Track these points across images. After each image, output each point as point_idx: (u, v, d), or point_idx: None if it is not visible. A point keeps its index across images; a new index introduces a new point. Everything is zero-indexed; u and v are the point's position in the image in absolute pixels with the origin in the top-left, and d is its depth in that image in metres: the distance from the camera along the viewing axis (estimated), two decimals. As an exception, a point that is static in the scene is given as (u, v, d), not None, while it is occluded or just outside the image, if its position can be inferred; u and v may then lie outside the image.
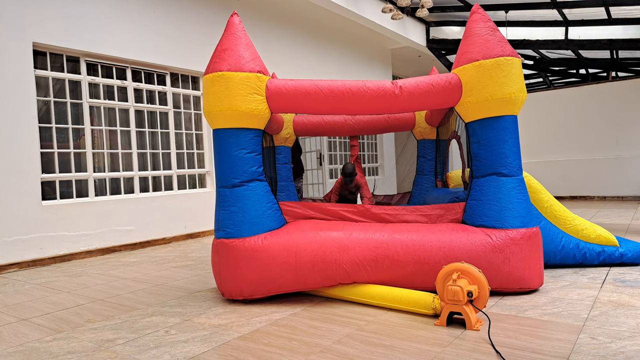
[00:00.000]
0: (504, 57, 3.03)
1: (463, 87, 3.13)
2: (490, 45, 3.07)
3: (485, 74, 3.03)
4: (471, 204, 3.19)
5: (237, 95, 3.03)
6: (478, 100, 3.06)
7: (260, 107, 3.11)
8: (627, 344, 2.16)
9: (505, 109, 3.06)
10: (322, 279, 3.06)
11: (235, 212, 3.10)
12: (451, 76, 3.17)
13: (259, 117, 3.13)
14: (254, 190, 3.14)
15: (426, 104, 3.20)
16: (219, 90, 3.04)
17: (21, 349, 2.48)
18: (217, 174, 3.19)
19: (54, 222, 5.27)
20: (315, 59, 9.41)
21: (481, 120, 3.12)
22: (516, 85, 3.04)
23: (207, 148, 7.25)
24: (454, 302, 2.50)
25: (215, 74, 3.07)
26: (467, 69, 3.12)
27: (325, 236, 3.08)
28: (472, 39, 3.16)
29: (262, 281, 3.06)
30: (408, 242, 3.03)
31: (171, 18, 6.65)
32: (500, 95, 3.01)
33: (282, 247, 3.04)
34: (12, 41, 5.00)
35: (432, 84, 3.14)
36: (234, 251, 3.06)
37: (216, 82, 3.05)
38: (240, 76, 3.04)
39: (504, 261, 2.95)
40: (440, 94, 3.15)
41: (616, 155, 10.17)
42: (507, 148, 3.08)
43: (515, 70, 3.05)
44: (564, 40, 9.90)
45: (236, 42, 3.15)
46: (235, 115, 3.05)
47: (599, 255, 3.74)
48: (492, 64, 3.03)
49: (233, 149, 3.11)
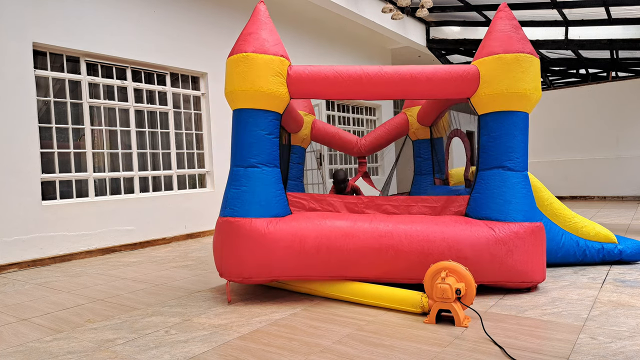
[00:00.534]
0: (524, 54, 3.07)
1: (481, 78, 3.16)
2: (512, 41, 3.12)
3: (504, 67, 3.07)
4: (475, 197, 3.20)
5: (260, 76, 3.07)
6: (494, 93, 3.09)
7: (281, 90, 3.16)
8: (627, 344, 2.16)
9: (519, 104, 3.08)
10: (325, 266, 3.04)
11: (246, 191, 3.09)
12: (470, 67, 3.20)
13: (279, 100, 3.17)
14: (267, 174, 3.15)
15: (443, 91, 3.21)
16: (243, 70, 3.08)
17: (21, 349, 2.48)
18: (233, 154, 3.21)
19: (54, 222, 5.28)
20: (316, 59, 9.41)
21: (494, 113, 3.15)
22: (532, 82, 3.08)
23: (207, 148, 7.26)
24: (442, 299, 2.55)
25: (239, 54, 3.11)
26: (487, 61, 3.15)
27: (331, 224, 3.09)
28: (495, 34, 3.21)
29: (265, 264, 3.03)
30: (412, 232, 3.03)
31: (171, 18, 6.65)
32: (516, 89, 3.05)
33: (287, 231, 3.04)
34: (12, 41, 5.00)
35: (450, 71, 3.18)
36: (239, 230, 3.04)
37: (240, 62, 3.10)
38: (264, 58, 3.09)
39: (507, 254, 2.95)
40: (457, 82, 3.17)
41: (616, 155, 10.17)
42: (515, 143, 3.11)
43: (533, 69, 3.10)
44: (564, 40, 9.90)
45: (261, 27, 3.22)
46: (257, 95, 3.09)
47: (599, 252, 3.76)
48: (511, 58, 3.07)
49: (252, 128, 3.14)
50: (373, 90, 3.22)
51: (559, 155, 10.87)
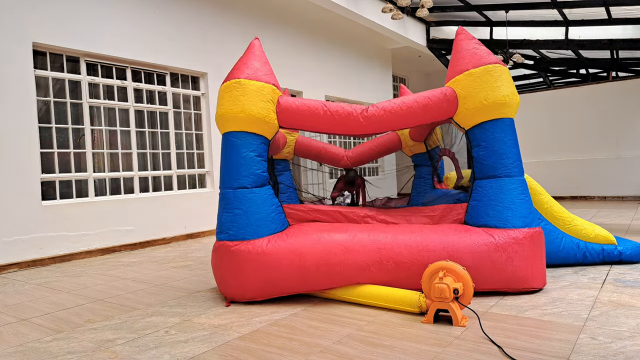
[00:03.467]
0: (492, 65, 3.18)
1: (458, 96, 3.24)
2: (478, 56, 3.24)
3: (477, 81, 3.16)
4: (473, 205, 3.21)
5: (251, 101, 3.14)
6: (474, 106, 3.15)
7: (271, 116, 3.21)
8: (627, 344, 2.16)
9: (501, 111, 3.14)
10: (326, 281, 3.06)
11: (239, 214, 3.10)
12: (445, 89, 3.28)
13: (268, 126, 3.21)
14: (258, 193, 3.15)
15: (427, 117, 3.29)
16: (235, 95, 3.16)
17: (21, 349, 2.48)
18: (223, 176, 3.20)
19: (54, 222, 5.27)
20: (315, 59, 9.41)
21: (480, 124, 3.20)
22: (508, 89, 3.15)
23: (207, 148, 7.26)
24: (440, 299, 2.56)
25: (232, 81, 3.21)
26: (459, 80, 3.24)
27: (330, 238, 3.09)
28: (461, 54, 3.33)
29: (266, 284, 3.05)
30: (412, 243, 3.04)
31: (171, 18, 6.65)
32: (494, 98, 3.11)
33: (286, 249, 3.04)
34: (12, 41, 5.00)
35: (429, 97, 3.24)
36: (238, 254, 3.06)
37: (233, 88, 3.18)
38: (256, 84, 3.19)
39: (507, 260, 2.96)
40: (438, 105, 3.24)
41: (616, 155, 10.17)
42: (507, 149, 3.14)
43: (505, 76, 3.18)
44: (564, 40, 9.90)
45: (255, 58, 3.34)
46: (248, 119, 3.13)
47: (599, 254, 3.78)
48: (482, 71, 3.17)
49: (241, 150, 3.16)
50: (360, 127, 3.29)
51: (559, 155, 10.87)
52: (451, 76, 3.33)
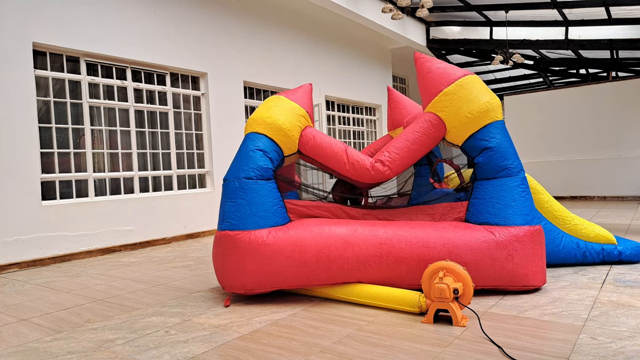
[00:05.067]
0: (462, 79, 3.24)
1: (442, 119, 3.29)
2: (446, 74, 3.32)
3: (454, 98, 3.21)
4: (474, 203, 3.22)
5: (282, 112, 3.37)
6: (460, 122, 3.20)
7: (293, 134, 3.38)
8: (627, 344, 2.16)
9: (487, 118, 3.19)
10: (326, 274, 3.06)
11: (242, 204, 3.13)
12: (427, 115, 3.33)
13: (289, 140, 3.37)
14: (263, 185, 3.20)
15: (422, 151, 3.37)
16: (270, 105, 3.42)
17: (21, 349, 2.48)
18: (230, 169, 3.31)
19: (54, 222, 5.28)
20: (315, 59, 9.41)
21: (471, 136, 3.23)
22: (486, 95, 3.21)
23: (207, 148, 7.26)
24: (440, 299, 2.56)
25: (274, 96, 3.52)
26: (437, 102, 3.29)
27: (330, 232, 3.10)
28: (428, 77, 3.40)
29: (266, 275, 3.05)
30: (412, 238, 3.05)
31: (171, 18, 6.65)
32: (477, 109, 3.16)
33: (287, 241, 3.05)
34: (12, 41, 5.00)
35: (417, 131, 3.31)
36: (239, 243, 3.06)
37: (272, 100, 3.48)
38: (292, 104, 3.46)
39: (508, 258, 2.97)
40: (427, 135, 3.31)
41: (616, 155, 10.17)
42: (503, 150, 3.17)
43: (478, 84, 3.24)
44: (564, 40, 9.90)
45: (301, 90, 3.67)
46: (272, 125, 3.31)
47: (599, 254, 3.77)
48: (456, 87, 3.23)
49: (254, 146, 3.30)
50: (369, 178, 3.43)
51: (559, 155, 10.87)
52: (427, 100, 3.38)
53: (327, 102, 9.99)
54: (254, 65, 7.98)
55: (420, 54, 3.56)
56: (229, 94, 7.51)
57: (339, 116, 10.40)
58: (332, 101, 10.19)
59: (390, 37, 10.42)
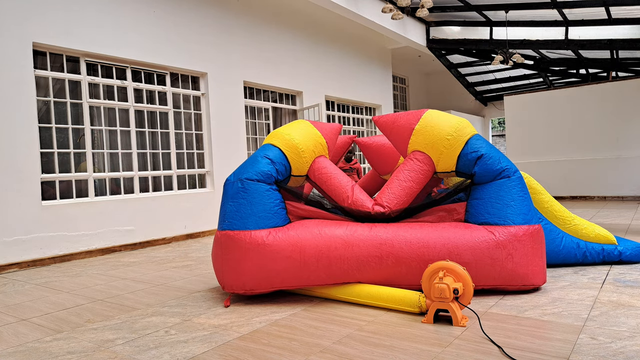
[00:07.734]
0: (423, 115, 3.38)
1: (426, 153, 3.35)
2: (409, 116, 3.46)
3: (426, 130, 3.33)
4: (473, 203, 3.23)
5: (301, 135, 3.45)
6: (444, 147, 3.27)
7: (306, 156, 3.43)
8: (627, 344, 2.16)
9: (465, 134, 3.27)
10: (326, 275, 3.06)
11: (244, 204, 3.14)
12: (413, 154, 3.40)
13: (300, 159, 3.43)
14: (265, 186, 3.22)
15: (419, 187, 3.41)
16: (294, 126, 3.53)
17: (21, 349, 2.48)
18: (235, 171, 3.34)
19: (54, 222, 5.27)
20: (315, 59, 9.40)
21: (460, 154, 3.26)
22: (452, 118, 3.33)
23: (207, 148, 7.26)
24: (440, 299, 2.56)
25: (304, 120, 3.75)
26: (414, 141, 3.40)
27: (330, 232, 3.11)
28: (395, 127, 3.50)
29: (266, 275, 3.06)
30: (412, 239, 3.05)
31: (171, 18, 6.65)
32: (452, 129, 3.26)
33: (287, 241, 3.06)
34: (12, 41, 5.00)
35: (409, 170, 3.36)
36: (239, 243, 3.07)
37: (299, 122, 3.61)
38: (316, 131, 3.55)
39: (507, 257, 2.97)
40: (420, 173, 3.35)
41: (616, 155, 10.17)
42: (495, 154, 3.21)
43: (439, 113, 3.42)
44: (564, 40, 9.90)
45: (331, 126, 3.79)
46: (289, 142, 3.39)
47: (599, 254, 3.77)
48: (423, 122, 3.34)
49: (263, 154, 3.36)
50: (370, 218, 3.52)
51: (559, 155, 10.87)
52: (404, 145, 3.46)
53: (327, 102, 9.99)
54: (254, 66, 7.98)
55: (376, 118, 3.68)
56: (229, 94, 7.51)
57: (339, 116, 10.40)
58: (332, 101, 10.19)
59: (390, 37, 10.42)
